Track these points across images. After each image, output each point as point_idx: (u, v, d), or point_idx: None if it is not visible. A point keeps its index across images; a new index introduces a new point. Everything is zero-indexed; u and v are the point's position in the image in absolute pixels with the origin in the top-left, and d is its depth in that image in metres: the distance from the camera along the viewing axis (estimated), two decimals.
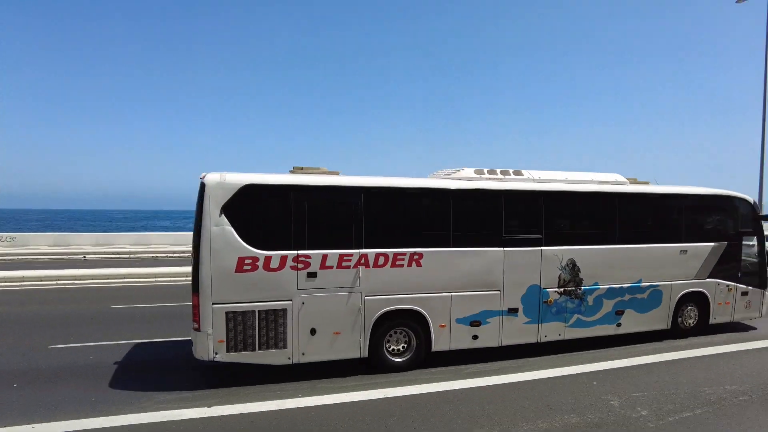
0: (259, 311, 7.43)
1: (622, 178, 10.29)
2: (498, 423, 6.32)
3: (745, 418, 6.55)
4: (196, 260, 7.25)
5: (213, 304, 7.21)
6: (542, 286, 9.06)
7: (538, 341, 9.16)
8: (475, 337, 8.64)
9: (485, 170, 9.29)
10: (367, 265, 7.90)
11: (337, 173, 8.30)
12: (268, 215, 7.67)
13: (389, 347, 8.26)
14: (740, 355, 9.37)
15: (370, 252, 7.93)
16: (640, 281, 9.89)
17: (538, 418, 6.49)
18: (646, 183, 10.55)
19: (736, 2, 23.08)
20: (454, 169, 9.35)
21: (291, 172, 8.19)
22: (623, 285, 9.75)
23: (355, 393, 7.23)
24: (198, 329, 7.25)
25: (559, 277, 9.18)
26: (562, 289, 9.22)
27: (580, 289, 9.36)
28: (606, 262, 9.56)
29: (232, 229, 7.26)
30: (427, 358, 8.43)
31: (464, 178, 8.94)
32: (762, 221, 11.23)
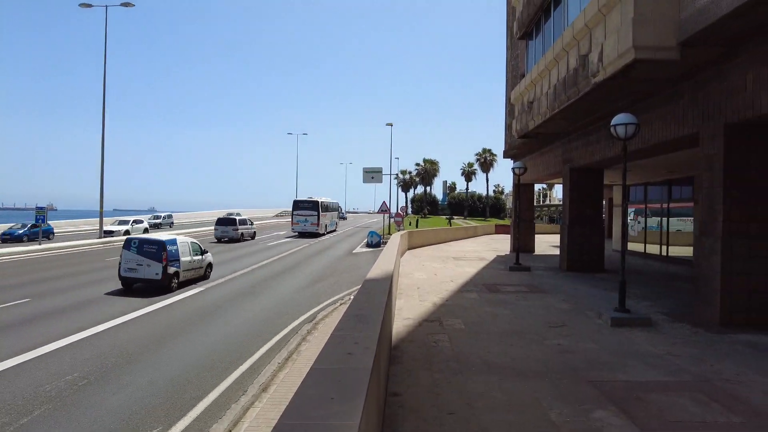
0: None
1: (326, 197, 46.48)
2: None
3: (86, 401, 6.82)
4: (318, 219, 40.51)
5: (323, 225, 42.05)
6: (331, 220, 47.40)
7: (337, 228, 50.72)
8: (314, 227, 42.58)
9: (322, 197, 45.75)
10: (322, 216, 42.56)
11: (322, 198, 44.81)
12: (322, 209, 42.47)
13: None
14: (74, 346, 9.62)
15: (324, 214, 43.14)
16: (331, 222, 47.26)
17: None
18: (326, 198, 46.13)
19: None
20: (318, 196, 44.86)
21: (310, 198, 43.39)
22: (330, 221, 46.85)
23: None
24: (319, 228, 40.81)
25: (329, 220, 46.20)
26: (329, 223, 45.49)
27: (337, 220, 54.33)
28: (327, 216, 45.36)
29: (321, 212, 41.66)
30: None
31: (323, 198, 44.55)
32: (339, 206, 60.65)
